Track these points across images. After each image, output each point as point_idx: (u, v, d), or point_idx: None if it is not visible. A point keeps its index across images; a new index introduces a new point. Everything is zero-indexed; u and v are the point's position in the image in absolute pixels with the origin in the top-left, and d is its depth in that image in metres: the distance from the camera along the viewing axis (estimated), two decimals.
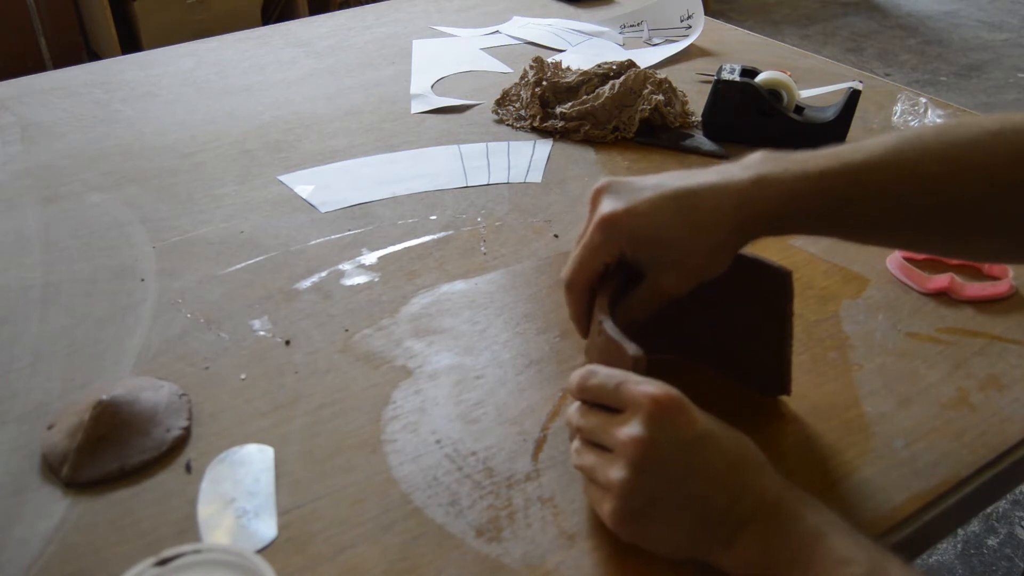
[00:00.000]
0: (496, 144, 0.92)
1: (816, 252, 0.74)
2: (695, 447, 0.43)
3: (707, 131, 0.93)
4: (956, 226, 0.51)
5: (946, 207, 0.49)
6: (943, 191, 0.49)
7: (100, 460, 0.52)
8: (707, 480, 0.44)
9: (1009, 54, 3.42)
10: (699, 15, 1.20)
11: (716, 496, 0.44)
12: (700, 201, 0.50)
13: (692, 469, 0.43)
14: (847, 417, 0.57)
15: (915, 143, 0.50)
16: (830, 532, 0.42)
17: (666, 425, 0.43)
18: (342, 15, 1.31)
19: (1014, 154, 0.48)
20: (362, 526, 0.49)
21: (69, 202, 0.81)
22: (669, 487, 0.43)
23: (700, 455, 0.43)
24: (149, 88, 1.06)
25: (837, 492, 0.51)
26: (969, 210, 0.49)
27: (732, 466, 0.44)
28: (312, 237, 0.76)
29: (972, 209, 0.49)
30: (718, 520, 0.44)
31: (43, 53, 2.64)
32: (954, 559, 1.43)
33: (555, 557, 0.47)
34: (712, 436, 0.44)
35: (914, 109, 0.93)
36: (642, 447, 0.43)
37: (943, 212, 0.50)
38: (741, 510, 0.43)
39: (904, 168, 0.49)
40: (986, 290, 0.68)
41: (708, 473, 0.44)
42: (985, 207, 0.49)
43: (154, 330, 0.65)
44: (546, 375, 0.60)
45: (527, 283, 0.70)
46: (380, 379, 0.60)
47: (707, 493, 0.44)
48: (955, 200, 0.49)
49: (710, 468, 0.44)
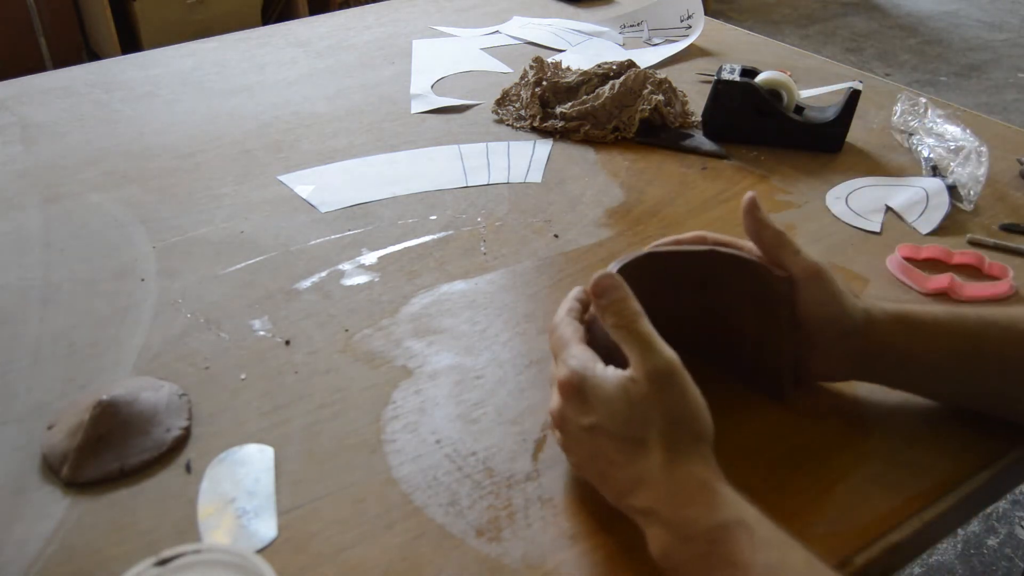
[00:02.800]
0: (496, 144, 0.92)
1: (816, 252, 0.73)
2: (591, 432, 0.46)
3: (707, 131, 0.93)
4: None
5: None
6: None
7: (100, 460, 0.52)
8: (605, 463, 0.46)
9: (1009, 54, 3.42)
10: (699, 15, 1.20)
11: (617, 478, 0.46)
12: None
13: (593, 451, 0.46)
14: (847, 417, 0.57)
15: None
16: (726, 536, 0.41)
17: (569, 406, 0.47)
18: (342, 15, 1.31)
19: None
20: (362, 526, 0.49)
21: (69, 202, 0.81)
22: (584, 456, 0.48)
23: (594, 440, 0.46)
24: (149, 88, 1.06)
25: (837, 492, 0.51)
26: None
27: (628, 457, 0.45)
28: (312, 237, 0.76)
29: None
30: (625, 502, 0.45)
31: (43, 53, 2.64)
32: (954, 559, 1.43)
33: (555, 557, 0.47)
34: (600, 427, 0.45)
35: (914, 109, 0.93)
36: (556, 419, 0.49)
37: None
38: (641, 500, 0.44)
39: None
40: (986, 290, 0.68)
41: (605, 458, 0.46)
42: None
43: (154, 330, 0.65)
44: (546, 375, 0.60)
45: (527, 283, 0.70)
46: (380, 379, 0.60)
47: (607, 472, 0.46)
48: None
49: (605, 455, 0.46)
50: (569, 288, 0.54)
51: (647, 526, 0.44)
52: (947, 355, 0.53)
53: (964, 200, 0.80)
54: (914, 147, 0.89)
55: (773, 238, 0.53)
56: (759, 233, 0.54)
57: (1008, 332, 0.52)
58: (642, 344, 0.45)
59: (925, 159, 0.87)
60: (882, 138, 0.93)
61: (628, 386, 0.44)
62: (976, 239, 0.75)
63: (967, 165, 0.82)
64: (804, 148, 0.90)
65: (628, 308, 0.46)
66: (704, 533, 0.41)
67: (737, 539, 0.40)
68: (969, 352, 0.52)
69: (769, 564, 0.39)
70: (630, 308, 0.46)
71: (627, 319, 0.46)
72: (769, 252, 0.54)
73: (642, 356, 0.45)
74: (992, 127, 0.95)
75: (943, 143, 0.87)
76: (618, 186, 0.84)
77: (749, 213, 0.54)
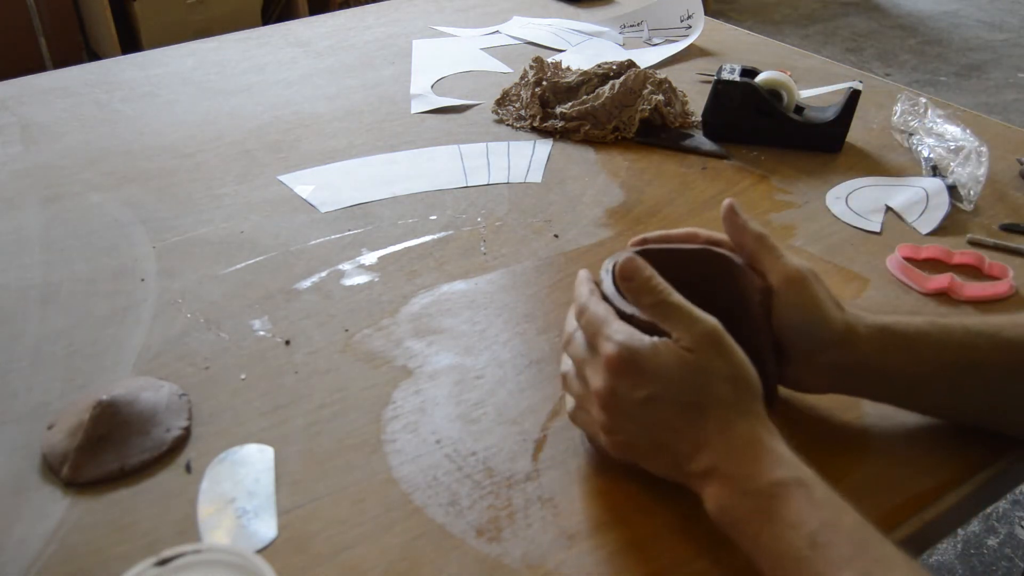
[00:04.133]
0: (496, 144, 0.92)
1: (816, 252, 0.74)
2: (647, 404, 0.46)
3: (707, 131, 0.93)
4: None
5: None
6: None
7: (100, 460, 0.52)
8: (665, 431, 0.46)
9: (1009, 54, 3.42)
10: (699, 15, 1.20)
11: (677, 446, 0.46)
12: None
13: (649, 422, 0.46)
14: (847, 417, 0.57)
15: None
16: (785, 492, 0.42)
17: (622, 381, 0.46)
18: (342, 15, 1.31)
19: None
20: (362, 526, 0.49)
21: (69, 202, 0.81)
22: (637, 431, 0.47)
23: (653, 411, 0.46)
24: (149, 88, 1.06)
25: (837, 492, 0.51)
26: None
27: (689, 422, 0.45)
28: (312, 237, 0.76)
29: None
30: (685, 467, 0.46)
31: (43, 53, 2.64)
32: (954, 559, 1.43)
33: (555, 557, 0.47)
34: (660, 397, 0.45)
35: (914, 109, 0.93)
36: (603, 398, 0.47)
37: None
38: (702, 462, 0.45)
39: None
40: (986, 290, 0.68)
41: (664, 426, 0.46)
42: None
43: (154, 330, 0.65)
44: (546, 375, 0.60)
45: (527, 283, 0.70)
46: (380, 379, 0.60)
47: (667, 441, 0.46)
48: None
49: (665, 423, 0.46)
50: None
51: (705, 486, 0.45)
52: (933, 368, 0.52)
53: (964, 200, 0.80)
54: (914, 147, 0.89)
55: (754, 242, 0.53)
56: (740, 239, 0.53)
57: (993, 341, 0.51)
58: (683, 314, 0.46)
59: (925, 159, 0.87)
60: (882, 138, 0.93)
61: (683, 354, 0.45)
62: (976, 239, 0.75)
63: (967, 165, 0.82)
64: (804, 148, 0.90)
65: (659, 284, 0.47)
66: (765, 488, 0.43)
67: (795, 496, 0.42)
68: (955, 364, 0.51)
69: (823, 522, 0.41)
70: (660, 284, 0.47)
71: (661, 295, 0.47)
72: (751, 257, 0.53)
73: (688, 324, 0.46)
74: (992, 127, 0.95)
75: (943, 143, 0.87)
76: (618, 186, 0.84)
77: (728, 219, 0.54)
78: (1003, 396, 0.52)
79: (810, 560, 0.40)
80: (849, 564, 0.39)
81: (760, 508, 0.42)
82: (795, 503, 0.42)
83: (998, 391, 0.52)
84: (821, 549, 0.40)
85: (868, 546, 0.40)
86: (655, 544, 0.48)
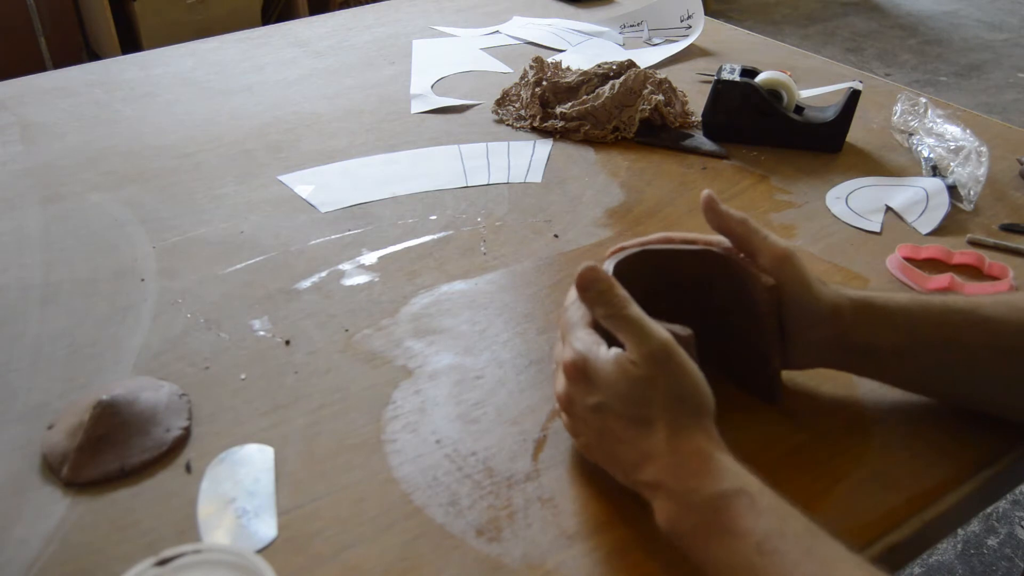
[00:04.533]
0: (496, 144, 0.92)
1: (816, 252, 0.74)
2: (597, 412, 0.47)
3: (707, 131, 0.93)
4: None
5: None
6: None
7: (100, 460, 0.52)
8: (613, 441, 0.47)
9: (1009, 54, 3.42)
10: (699, 15, 1.20)
11: (624, 455, 0.47)
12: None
13: (600, 429, 0.48)
14: (847, 417, 0.57)
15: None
16: (729, 504, 0.42)
17: (575, 387, 0.48)
18: (342, 15, 1.31)
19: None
20: (362, 526, 0.49)
21: (69, 202, 0.81)
22: (592, 437, 0.49)
23: (602, 419, 0.47)
24: (149, 88, 1.06)
25: (837, 492, 0.51)
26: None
27: (634, 434, 0.46)
28: (312, 237, 0.76)
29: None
30: (632, 476, 0.47)
31: (43, 53, 2.64)
32: (954, 559, 1.43)
33: (555, 557, 0.47)
34: (607, 407, 0.46)
35: (914, 109, 0.93)
36: (563, 402, 0.50)
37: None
38: (648, 474, 0.45)
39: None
40: (986, 290, 0.68)
41: (612, 435, 0.47)
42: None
43: (154, 330, 0.65)
44: (546, 375, 0.60)
45: (527, 283, 0.70)
46: (380, 379, 0.60)
47: (615, 451, 0.47)
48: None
49: (613, 432, 0.47)
50: (569, 288, 0.54)
51: (654, 499, 0.46)
52: (912, 342, 0.52)
53: (964, 200, 0.80)
54: (914, 147, 0.89)
55: (739, 227, 0.53)
56: (724, 226, 0.54)
57: (969, 318, 0.52)
58: (635, 329, 0.46)
59: (925, 159, 0.87)
60: (882, 138, 0.93)
61: (628, 368, 0.46)
62: (976, 239, 0.75)
63: (967, 165, 0.82)
64: (804, 148, 0.90)
65: (615, 296, 0.47)
66: (707, 501, 0.43)
67: (738, 507, 0.42)
68: (933, 339, 0.52)
69: (769, 530, 0.41)
70: (617, 296, 0.47)
71: (616, 307, 0.47)
72: (739, 242, 0.54)
73: (637, 341, 0.46)
74: (992, 127, 0.95)
75: (943, 143, 0.87)
76: (618, 186, 0.84)
77: (709, 210, 0.54)
78: (981, 373, 0.53)
79: (759, 567, 0.40)
80: (797, 567, 0.40)
81: (706, 521, 0.43)
82: (740, 513, 0.42)
83: (976, 368, 0.52)
84: (769, 555, 0.40)
85: (816, 549, 0.40)
86: (655, 544, 0.48)
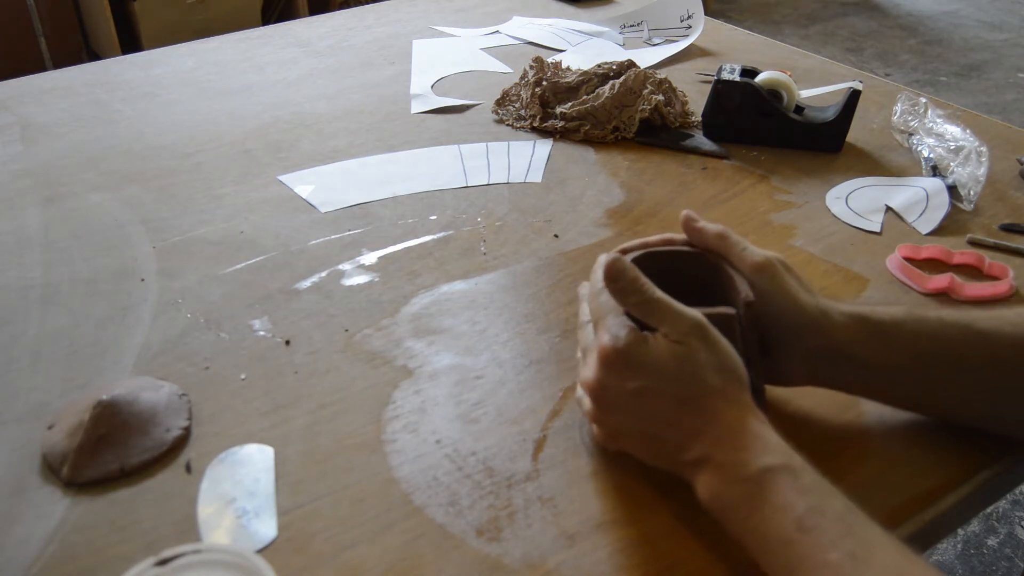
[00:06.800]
0: (496, 144, 0.92)
1: (816, 252, 0.74)
2: (638, 396, 0.47)
3: (707, 131, 0.93)
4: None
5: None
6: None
7: (100, 460, 0.52)
8: (656, 423, 0.47)
9: (1009, 54, 3.42)
10: (699, 15, 1.20)
11: (669, 436, 0.47)
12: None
13: (640, 414, 0.47)
14: (847, 417, 0.57)
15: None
16: (773, 478, 0.43)
17: (612, 374, 0.47)
18: (342, 15, 1.31)
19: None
20: (362, 526, 0.49)
21: (69, 202, 0.81)
22: (628, 422, 0.49)
23: (644, 403, 0.47)
24: (149, 88, 1.06)
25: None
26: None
27: (682, 413, 0.46)
28: (312, 237, 0.76)
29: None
30: (678, 457, 0.47)
31: (43, 53, 2.64)
32: (954, 559, 1.43)
33: (555, 557, 0.47)
34: (652, 390, 0.46)
35: (914, 109, 0.93)
36: (594, 390, 0.49)
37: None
38: (694, 451, 0.46)
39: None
40: (986, 290, 0.68)
41: (657, 418, 0.47)
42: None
43: (154, 330, 0.65)
44: (546, 375, 0.60)
45: (527, 283, 0.70)
46: (380, 379, 0.60)
47: (659, 432, 0.47)
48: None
49: (658, 414, 0.47)
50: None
51: (697, 475, 0.46)
52: (907, 358, 0.52)
53: (964, 200, 0.80)
54: (914, 147, 0.89)
55: (718, 242, 0.54)
56: (703, 242, 0.55)
57: (965, 332, 0.52)
58: (668, 310, 0.47)
59: (925, 159, 0.87)
60: (882, 138, 0.93)
61: (672, 347, 0.46)
62: (976, 239, 0.75)
63: (967, 165, 0.82)
64: (804, 148, 0.90)
65: (644, 283, 0.48)
66: (753, 475, 0.43)
67: (783, 482, 0.43)
68: (928, 355, 0.51)
69: (810, 507, 0.42)
70: (646, 283, 0.48)
71: (646, 294, 0.48)
72: (720, 256, 0.54)
73: (673, 320, 0.47)
74: (992, 127, 0.95)
75: (943, 143, 0.87)
76: (618, 186, 0.84)
77: (688, 229, 0.55)
78: (977, 389, 0.52)
79: (798, 543, 0.41)
80: (835, 546, 0.40)
81: (750, 494, 0.43)
82: (784, 488, 0.43)
83: (971, 383, 0.52)
84: (808, 532, 0.41)
85: (854, 529, 0.41)
86: (655, 544, 0.48)
